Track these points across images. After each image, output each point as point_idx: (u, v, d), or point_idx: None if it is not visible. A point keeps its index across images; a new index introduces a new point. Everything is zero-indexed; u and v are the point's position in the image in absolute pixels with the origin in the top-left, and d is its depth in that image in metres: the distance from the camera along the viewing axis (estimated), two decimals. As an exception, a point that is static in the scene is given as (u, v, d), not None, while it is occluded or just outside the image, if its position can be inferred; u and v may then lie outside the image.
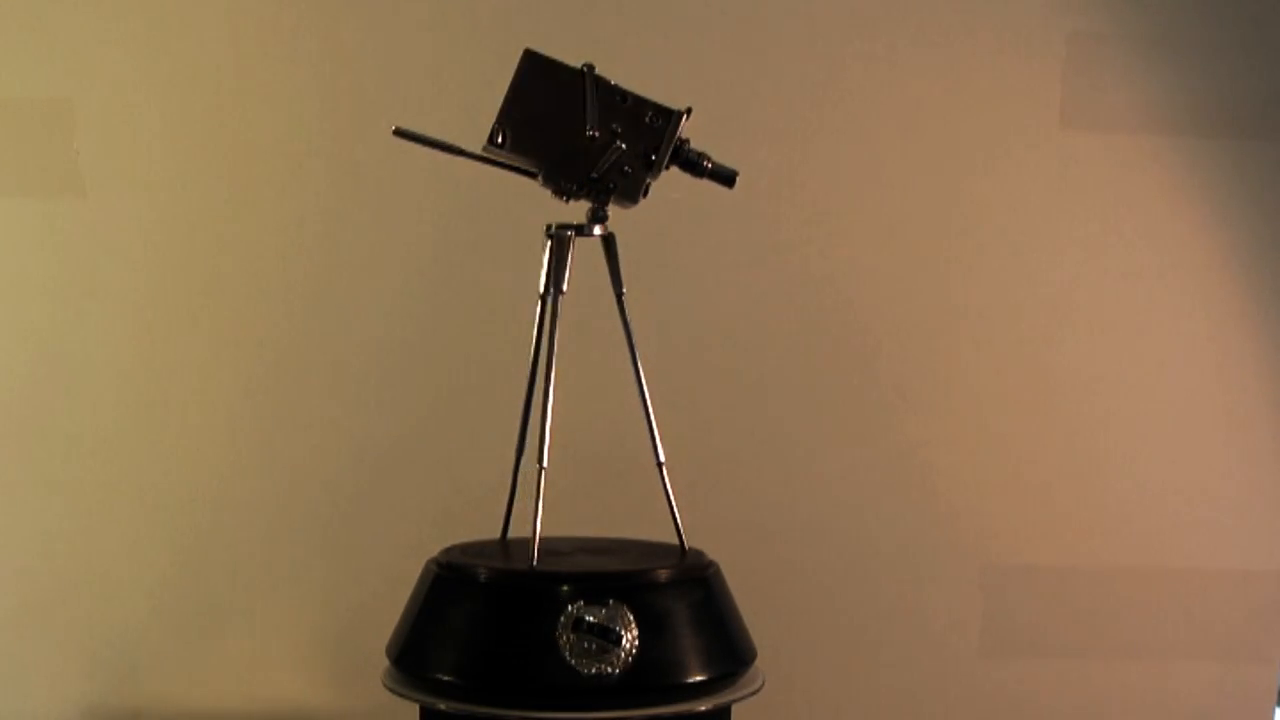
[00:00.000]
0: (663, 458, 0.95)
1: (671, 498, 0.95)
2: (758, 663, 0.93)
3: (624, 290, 0.96)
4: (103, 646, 1.30)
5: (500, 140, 0.89)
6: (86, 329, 1.29)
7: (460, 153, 0.91)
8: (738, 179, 0.98)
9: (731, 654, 0.89)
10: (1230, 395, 1.35)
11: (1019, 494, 1.35)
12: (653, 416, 0.95)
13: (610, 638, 0.84)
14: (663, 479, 0.95)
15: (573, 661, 0.83)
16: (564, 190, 0.93)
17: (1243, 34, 1.33)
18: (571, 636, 0.84)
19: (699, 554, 0.95)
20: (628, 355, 0.96)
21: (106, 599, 1.30)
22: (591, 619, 0.84)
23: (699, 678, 0.86)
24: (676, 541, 0.97)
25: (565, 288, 0.93)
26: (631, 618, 0.85)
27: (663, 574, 0.88)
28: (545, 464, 0.91)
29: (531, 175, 0.92)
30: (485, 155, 0.91)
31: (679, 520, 0.96)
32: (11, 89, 1.27)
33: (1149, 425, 1.36)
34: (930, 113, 1.33)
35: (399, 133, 0.88)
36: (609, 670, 0.84)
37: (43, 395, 1.29)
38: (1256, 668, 1.37)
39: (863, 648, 1.35)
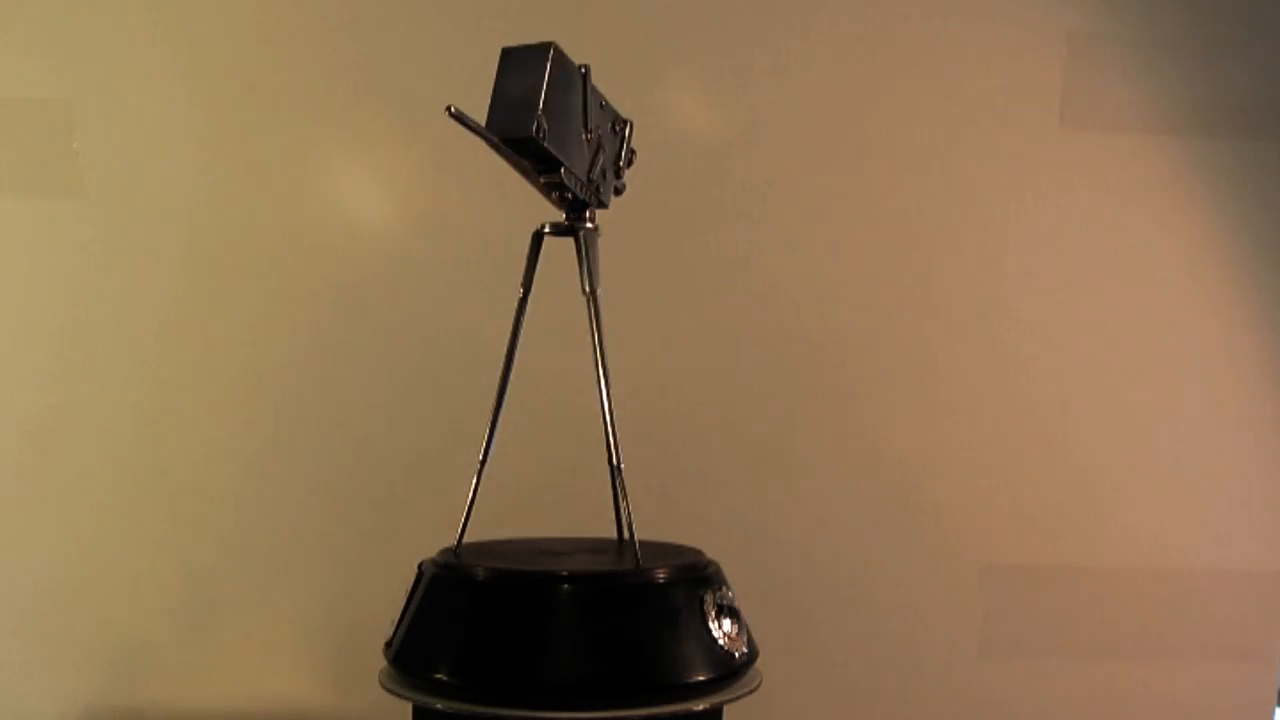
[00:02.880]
0: (618, 461, 0.93)
1: (621, 500, 0.94)
2: (757, 663, 0.93)
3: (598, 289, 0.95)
4: (103, 646, 1.30)
5: (540, 134, 0.86)
6: (87, 329, 1.29)
7: (497, 146, 0.87)
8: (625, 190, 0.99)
9: (732, 654, 0.89)
10: (1230, 395, 1.35)
11: (1018, 494, 1.35)
12: (612, 417, 0.93)
13: (739, 619, 0.90)
14: (619, 481, 0.93)
15: (722, 646, 0.88)
16: (569, 190, 0.92)
17: (1243, 34, 1.33)
18: (718, 621, 0.88)
19: (699, 553, 0.95)
20: (599, 355, 0.95)
21: (107, 599, 1.30)
22: (728, 604, 0.90)
23: (699, 678, 0.86)
24: (673, 542, 0.97)
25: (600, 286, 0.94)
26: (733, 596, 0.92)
27: (662, 574, 0.88)
28: (621, 464, 0.91)
29: (532, 173, 0.91)
30: (507, 149, 0.88)
31: (630, 523, 0.94)
32: (11, 89, 1.27)
33: (1149, 425, 1.35)
34: (929, 112, 1.33)
35: (454, 114, 0.85)
36: (744, 651, 0.89)
37: (42, 395, 1.29)
38: (1256, 668, 1.37)
39: (862, 648, 1.35)
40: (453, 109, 0.82)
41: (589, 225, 0.94)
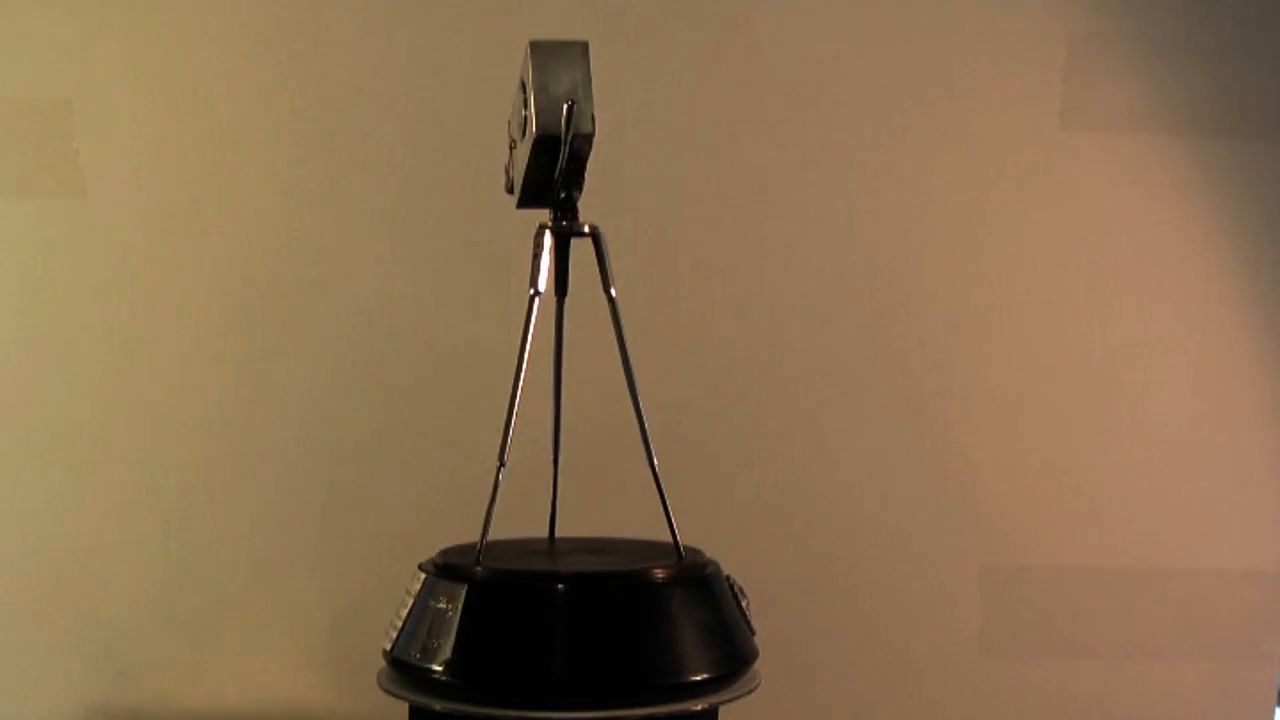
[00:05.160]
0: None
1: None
2: (757, 663, 0.93)
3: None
4: (102, 646, 1.30)
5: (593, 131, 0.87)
6: (85, 328, 1.29)
7: (560, 144, 0.87)
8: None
9: (731, 654, 0.89)
10: (1230, 395, 1.35)
11: (1019, 494, 1.35)
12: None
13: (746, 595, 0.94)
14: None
15: (749, 624, 0.92)
16: (578, 190, 0.92)
17: (1243, 34, 1.33)
18: (744, 601, 0.92)
19: (698, 553, 0.95)
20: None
21: (105, 598, 1.30)
22: (740, 585, 0.94)
23: (698, 677, 0.86)
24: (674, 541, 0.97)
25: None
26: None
27: (661, 573, 0.88)
28: (656, 466, 0.92)
29: (558, 173, 0.91)
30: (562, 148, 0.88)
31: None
32: (11, 89, 1.27)
33: (1149, 425, 1.35)
34: (929, 112, 1.33)
35: (571, 109, 0.84)
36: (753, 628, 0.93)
37: (41, 394, 1.29)
38: (1256, 668, 1.36)
39: (862, 647, 1.35)
40: (573, 103, 0.82)
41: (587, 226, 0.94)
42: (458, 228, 1.31)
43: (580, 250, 0.95)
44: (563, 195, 0.92)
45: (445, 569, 0.90)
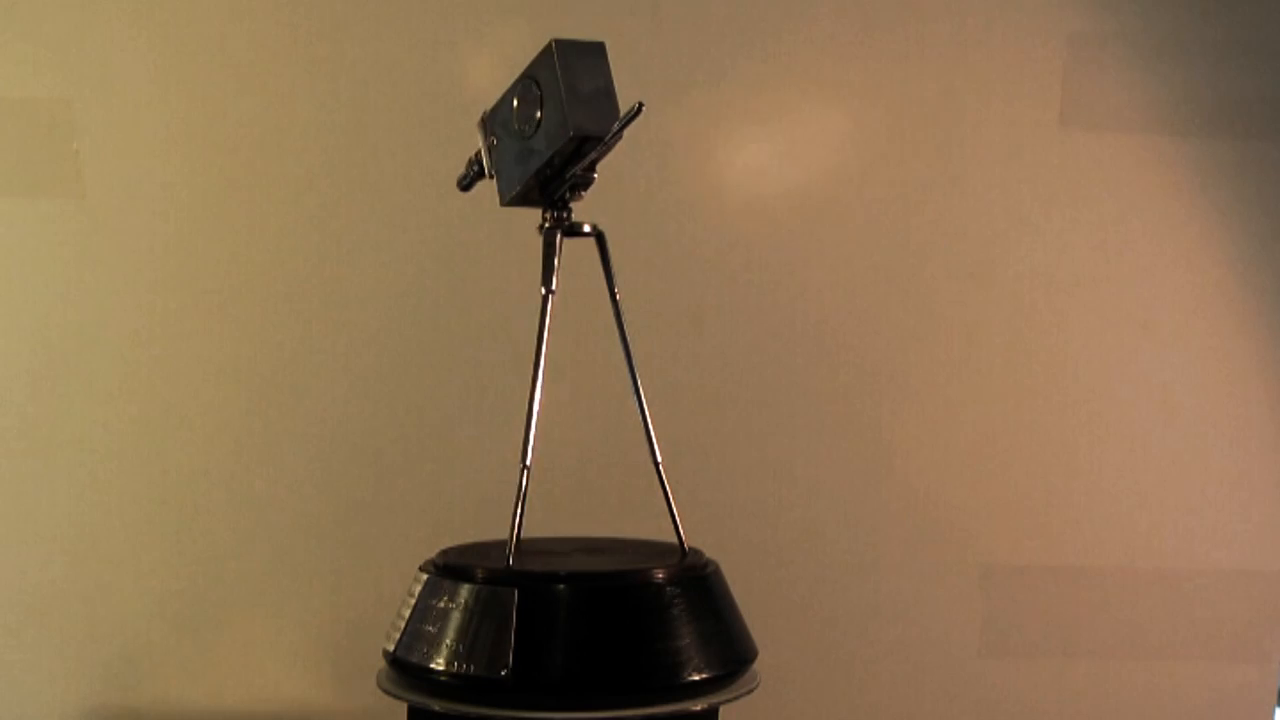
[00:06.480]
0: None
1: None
2: (756, 662, 0.93)
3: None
4: (103, 647, 1.31)
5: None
6: (86, 329, 1.29)
7: (600, 139, 0.88)
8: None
9: (731, 653, 0.89)
10: (1230, 395, 1.35)
11: (1018, 494, 1.35)
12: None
13: None
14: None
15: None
16: (583, 189, 0.93)
17: (1243, 34, 1.33)
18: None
19: (698, 553, 0.95)
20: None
21: (106, 599, 1.30)
22: None
23: (698, 677, 0.86)
24: (674, 541, 0.97)
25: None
26: None
27: (661, 573, 0.88)
28: (660, 460, 0.92)
29: (578, 170, 0.91)
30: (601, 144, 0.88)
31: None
32: (11, 89, 1.27)
33: (1149, 425, 1.36)
34: (929, 112, 1.33)
35: (636, 109, 0.85)
36: None
37: (42, 396, 1.29)
38: (1256, 668, 1.37)
39: (862, 648, 1.35)
40: (640, 105, 0.83)
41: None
42: (471, 230, 1.30)
43: (571, 250, 0.95)
44: (567, 195, 0.92)
45: (446, 569, 0.90)
